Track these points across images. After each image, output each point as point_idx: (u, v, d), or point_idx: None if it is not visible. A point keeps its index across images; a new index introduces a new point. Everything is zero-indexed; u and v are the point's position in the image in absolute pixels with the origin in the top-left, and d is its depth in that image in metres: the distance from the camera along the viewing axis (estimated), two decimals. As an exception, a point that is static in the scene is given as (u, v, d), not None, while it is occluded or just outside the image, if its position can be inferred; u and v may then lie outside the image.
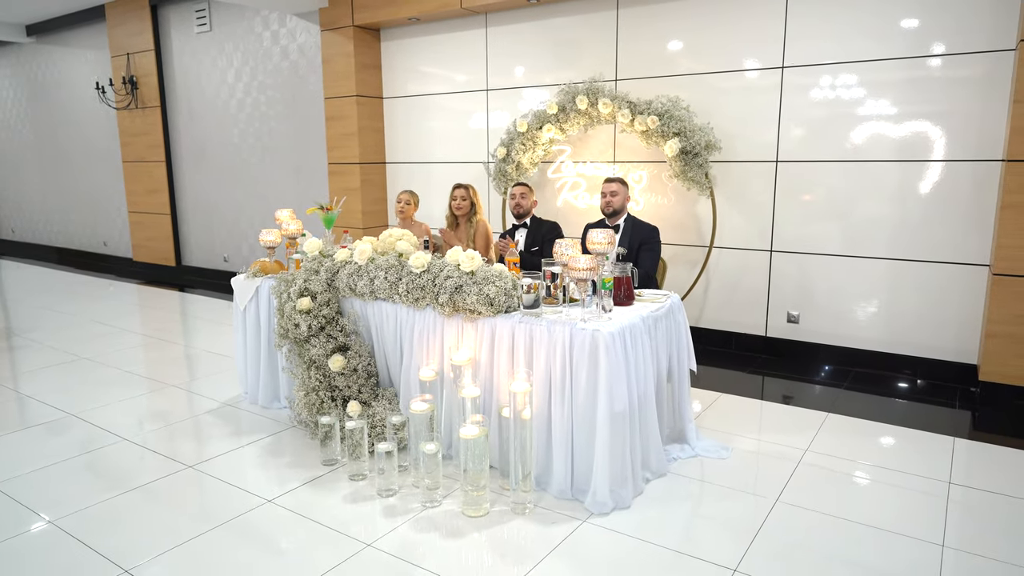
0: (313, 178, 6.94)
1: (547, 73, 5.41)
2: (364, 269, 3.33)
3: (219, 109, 7.56)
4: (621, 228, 3.96)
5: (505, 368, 2.93)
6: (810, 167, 4.49)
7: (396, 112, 6.41)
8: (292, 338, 3.43)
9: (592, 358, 2.70)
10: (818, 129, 4.43)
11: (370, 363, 3.39)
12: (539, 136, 5.08)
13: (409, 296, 3.14)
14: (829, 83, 4.34)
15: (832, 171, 4.42)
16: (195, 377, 4.48)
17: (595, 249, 2.87)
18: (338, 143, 6.43)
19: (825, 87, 4.36)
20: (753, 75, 4.59)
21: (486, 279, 2.96)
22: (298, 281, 3.43)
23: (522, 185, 4.42)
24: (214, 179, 7.83)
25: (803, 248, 4.59)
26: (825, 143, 4.41)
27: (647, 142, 4.70)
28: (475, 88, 5.85)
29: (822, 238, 4.51)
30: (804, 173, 4.51)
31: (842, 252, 4.45)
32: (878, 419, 3.63)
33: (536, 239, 4.30)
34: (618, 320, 2.84)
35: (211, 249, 8.07)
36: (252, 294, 3.84)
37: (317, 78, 6.64)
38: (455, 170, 6.08)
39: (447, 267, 3.10)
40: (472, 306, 2.94)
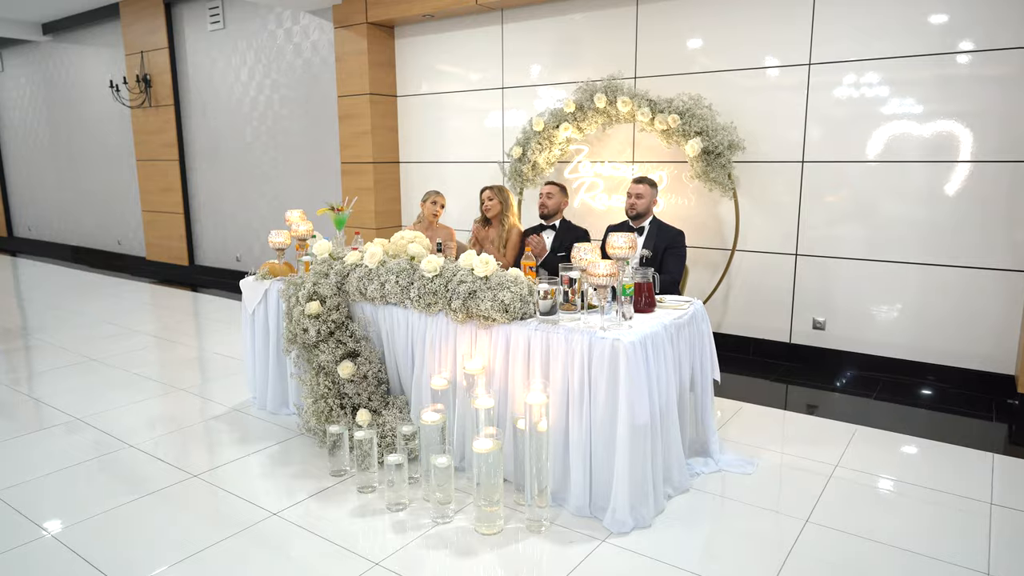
0: (326, 177, 6.85)
1: (564, 71, 5.27)
2: (375, 273, 3.22)
3: (232, 107, 7.50)
4: (646, 231, 3.82)
5: (520, 377, 2.81)
6: (837, 168, 4.32)
7: (410, 111, 6.30)
8: (301, 343, 3.32)
9: (612, 369, 2.57)
10: (846, 128, 4.25)
11: (380, 370, 3.28)
12: (556, 135, 4.94)
13: (421, 301, 3.03)
14: (857, 81, 4.17)
15: (860, 172, 4.25)
16: (204, 380, 4.39)
17: (616, 254, 2.74)
18: (351, 142, 6.34)
19: (853, 85, 4.19)
20: (778, 72, 4.42)
21: (501, 284, 2.84)
22: (307, 284, 3.32)
23: (551, 184, 4.26)
24: (227, 178, 7.77)
25: (829, 251, 4.42)
26: (853, 143, 4.24)
27: (667, 141, 4.55)
28: (490, 86, 5.72)
29: (849, 241, 4.34)
30: (831, 174, 4.35)
31: (870, 256, 4.28)
32: (910, 432, 3.46)
33: (563, 245, 4.11)
34: (639, 328, 2.70)
35: (224, 249, 8.01)
36: (261, 297, 3.74)
37: (330, 76, 6.55)
38: (470, 170, 5.96)
39: (460, 271, 2.97)
40: (486, 312, 2.82)
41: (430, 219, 4.61)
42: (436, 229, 4.56)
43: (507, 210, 4.41)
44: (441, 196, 4.61)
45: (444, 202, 4.61)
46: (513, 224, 4.42)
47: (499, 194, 4.39)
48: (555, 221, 4.25)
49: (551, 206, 4.20)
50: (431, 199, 4.58)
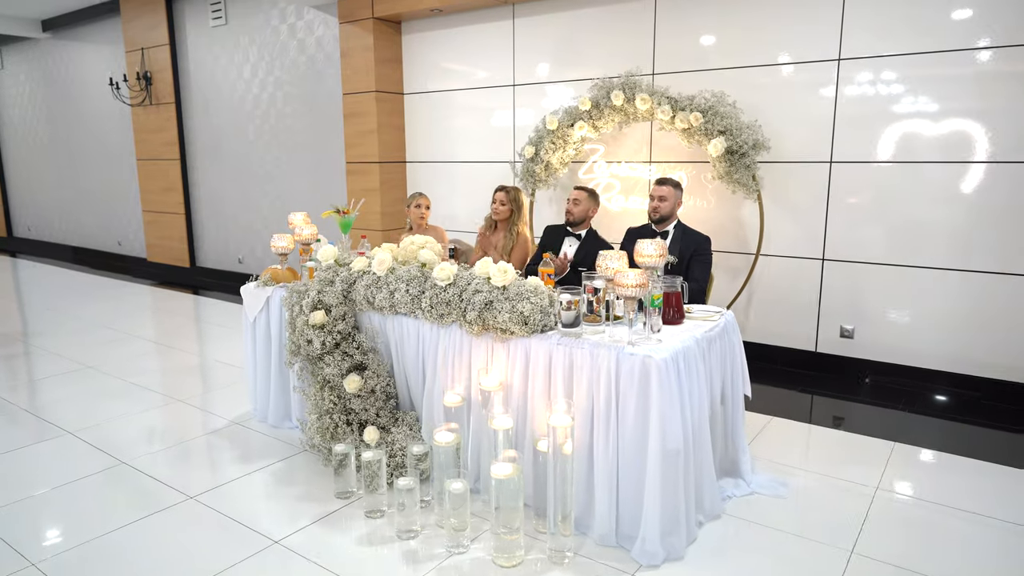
0: (330, 177, 6.66)
1: (578, 67, 5.07)
2: (383, 280, 3.02)
3: (234, 105, 7.31)
4: (670, 236, 3.61)
5: (540, 395, 2.61)
6: (868, 169, 4.11)
7: (417, 109, 6.10)
8: (304, 355, 3.13)
9: (642, 387, 2.37)
10: (877, 127, 4.04)
11: (389, 384, 3.08)
12: (570, 134, 4.74)
13: (433, 312, 2.83)
14: (890, 77, 3.96)
15: (892, 173, 4.03)
16: (204, 390, 4.20)
17: (644, 263, 2.54)
18: (356, 141, 6.14)
19: (886, 81, 3.98)
20: (805, 68, 4.21)
21: (520, 295, 2.64)
22: (311, 292, 3.13)
23: (580, 189, 3.98)
24: (229, 178, 7.59)
25: (858, 256, 4.21)
26: (885, 143, 4.03)
27: (688, 141, 4.34)
28: (501, 84, 5.52)
29: (880, 245, 4.13)
30: (861, 175, 4.13)
31: (902, 261, 4.07)
32: (954, 451, 3.25)
33: (588, 257, 3.81)
34: (670, 343, 2.50)
35: (225, 250, 7.83)
36: (263, 305, 3.55)
37: (335, 73, 6.35)
38: (479, 170, 5.76)
39: (475, 280, 2.78)
40: (504, 325, 2.62)
41: (418, 222, 4.44)
42: (427, 231, 4.38)
43: (518, 217, 4.19)
44: (425, 198, 4.49)
45: (428, 203, 4.50)
46: (522, 230, 4.22)
47: (513, 200, 4.18)
48: (581, 230, 3.99)
49: (577, 213, 3.93)
50: (414, 203, 4.46)
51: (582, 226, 3.96)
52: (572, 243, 3.95)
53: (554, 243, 3.98)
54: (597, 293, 2.64)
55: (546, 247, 3.99)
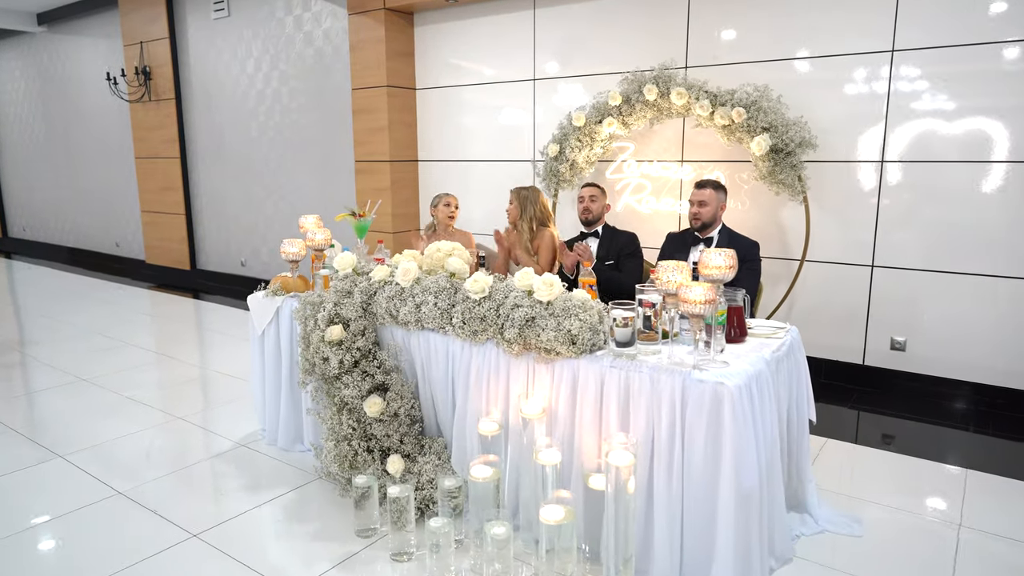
0: (338, 177, 6.35)
1: (605, 61, 4.76)
2: (408, 292, 2.71)
3: (237, 101, 7.00)
4: (714, 243, 3.31)
5: (590, 423, 2.31)
6: (925, 169, 3.81)
7: (430, 105, 5.79)
8: (319, 374, 2.82)
9: (713, 420, 2.07)
10: (936, 123, 3.74)
11: (413, 406, 2.77)
12: (598, 131, 4.44)
13: (466, 328, 2.52)
14: (950, 70, 3.66)
15: (952, 173, 3.73)
16: (207, 406, 3.89)
17: (712, 275, 2.24)
18: (366, 138, 5.84)
19: (945, 75, 3.67)
20: (855, 60, 3.91)
21: (566, 311, 2.33)
22: (327, 305, 2.82)
23: (592, 186, 3.77)
24: (232, 177, 7.28)
25: (912, 263, 3.91)
26: (944, 140, 3.73)
27: (728, 138, 4.04)
28: (520, 78, 5.22)
29: (937, 252, 3.83)
30: (917, 175, 3.83)
31: (961, 268, 3.77)
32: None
33: (610, 252, 3.64)
34: (738, 366, 2.20)
35: (227, 252, 7.52)
36: (272, 316, 3.24)
37: (344, 67, 6.05)
38: (496, 169, 5.46)
39: (513, 293, 2.47)
40: (548, 344, 2.32)
41: (446, 222, 4.14)
42: (453, 235, 4.07)
43: (526, 214, 3.87)
44: (453, 197, 4.18)
45: (457, 203, 4.16)
46: (549, 230, 3.91)
47: (517, 197, 3.88)
48: (598, 227, 3.75)
49: (596, 210, 3.72)
50: (443, 202, 4.15)
51: (599, 223, 3.75)
52: (592, 241, 3.71)
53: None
54: (654, 308, 2.34)
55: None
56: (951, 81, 3.66)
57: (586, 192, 3.72)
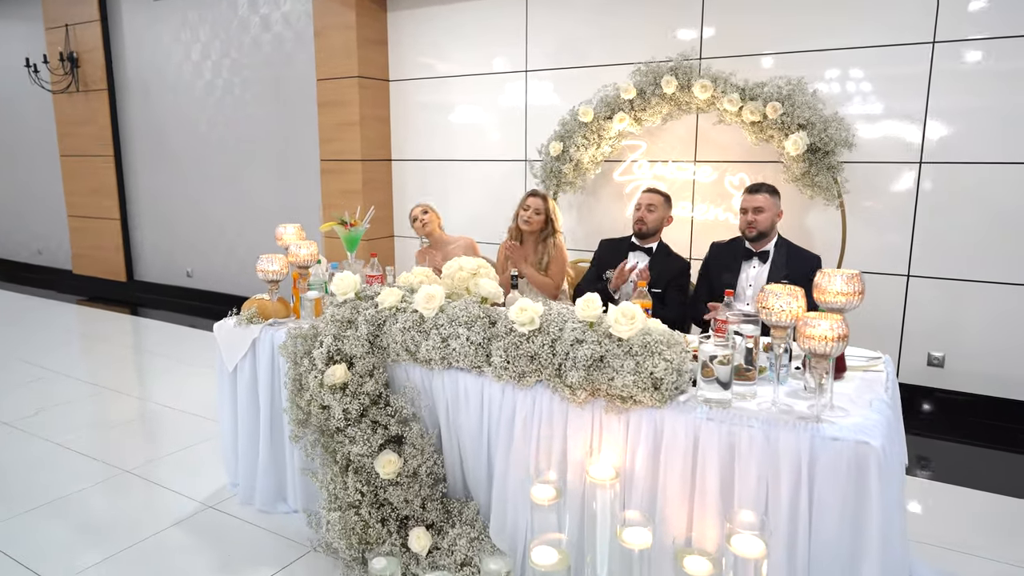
0: (302, 177, 5.71)
1: (607, 51, 4.32)
2: (432, 323, 2.18)
3: (182, 93, 6.25)
4: (771, 257, 2.89)
5: (678, 491, 1.84)
6: (967, 170, 3.51)
7: (405, 98, 5.23)
8: (317, 427, 2.27)
9: (856, 488, 1.63)
10: (980, 122, 3.44)
11: (436, 463, 2.25)
12: (607, 128, 3.98)
13: (511, 369, 2.02)
14: (997, 64, 3.36)
15: (997, 175, 3.44)
16: (157, 454, 3.24)
17: (833, 303, 1.80)
18: (334, 135, 5.23)
19: (992, 69, 3.37)
20: (890, 52, 3.58)
21: (647, 348, 1.86)
22: (325, 339, 2.26)
23: (653, 192, 3.24)
24: (176, 178, 6.51)
25: (952, 272, 3.61)
26: (988, 140, 3.44)
27: (756, 137, 3.65)
28: (511, 69, 4.72)
29: (980, 260, 3.53)
30: (958, 178, 3.53)
31: (1008, 279, 3.48)
32: None
33: (660, 278, 3.08)
34: (862, 414, 1.79)
35: (171, 261, 6.74)
36: (247, 348, 2.65)
37: (307, 55, 5.41)
38: (483, 170, 4.95)
39: (571, 324, 1.98)
40: (625, 391, 1.84)
41: (430, 233, 3.65)
42: (448, 245, 3.56)
43: (554, 229, 3.42)
44: (419, 207, 3.76)
45: (426, 208, 3.73)
46: (559, 242, 3.43)
47: (550, 210, 3.39)
48: (651, 243, 3.23)
49: (651, 222, 3.17)
50: (410, 215, 3.74)
51: (653, 239, 3.22)
52: (640, 259, 3.19)
53: (613, 260, 3.21)
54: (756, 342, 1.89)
55: (603, 265, 3.21)
56: (1001, 74, 3.36)
57: (644, 199, 3.19)
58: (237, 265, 6.22)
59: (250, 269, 6.13)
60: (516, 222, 3.47)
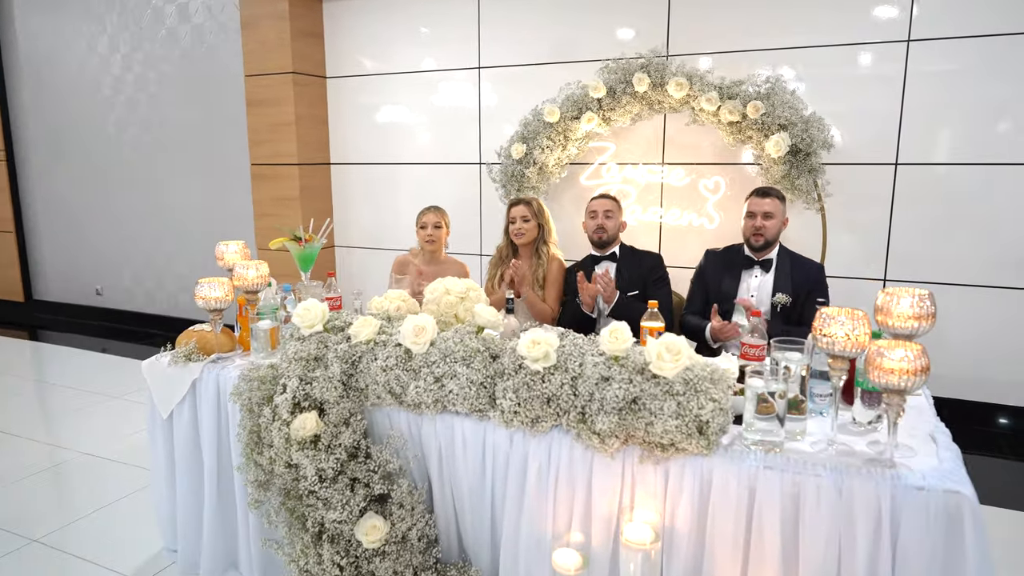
0: (230, 183, 5.18)
1: (570, 46, 4.05)
2: (423, 360, 1.84)
3: (86, 90, 5.59)
4: (775, 266, 2.68)
5: (728, 553, 1.57)
6: (942, 172, 3.44)
7: (345, 96, 4.81)
8: (282, 489, 1.88)
9: (947, 548, 1.41)
10: (956, 123, 3.38)
11: (428, 522, 1.90)
12: (574, 128, 3.72)
13: (523, 413, 1.70)
14: (973, 62, 3.30)
15: (973, 177, 3.39)
16: (74, 515, 2.74)
17: (899, 329, 1.58)
18: (266, 136, 4.75)
19: (967, 67, 3.31)
20: (863, 50, 3.48)
21: (690, 385, 1.58)
22: (289, 382, 1.88)
23: (606, 198, 3.01)
24: (81, 184, 5.82)
25: (929, 276, 3.54)
26: (964, 141, 3.38)
27: (734, 138, 3.47)
28: (462, 65, 4.39)
29: (958, 263, 3.48)
30: (933, 179, 3.46)
31: (985, 282, 3.44)
32: None
33: (634, 279, 2.89)
34: (928, 449, 1.61)
35: (76, 278, 6.03)
36: (186, 391, 2.22)
37: (234, 49, 4.90)
38: (432, 174, 4.60)
39: (591, 358, 1.69)
40: (667, 438, 1.56)
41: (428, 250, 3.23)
42: (439, 265, 3.19)
43: (548, 236, 3.13)
44: (432, 213, 3.23)
45: (439, 221, 3.22)
46: (553, 252, 3.14)
47: (537, 214, 3.10)
48: (613, 248, 3.01)
49: (612, 228, 2.96)
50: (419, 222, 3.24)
51: (612, 244, 3.00)
52: (607, 266, 2.95)
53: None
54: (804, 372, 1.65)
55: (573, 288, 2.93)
56: (978, 74, 3.30)
57: (599, 206, 2.96)
58: (154, 281, 5.62)
59: (170, 285, 5.55)
60: (506, 239, 3.16)
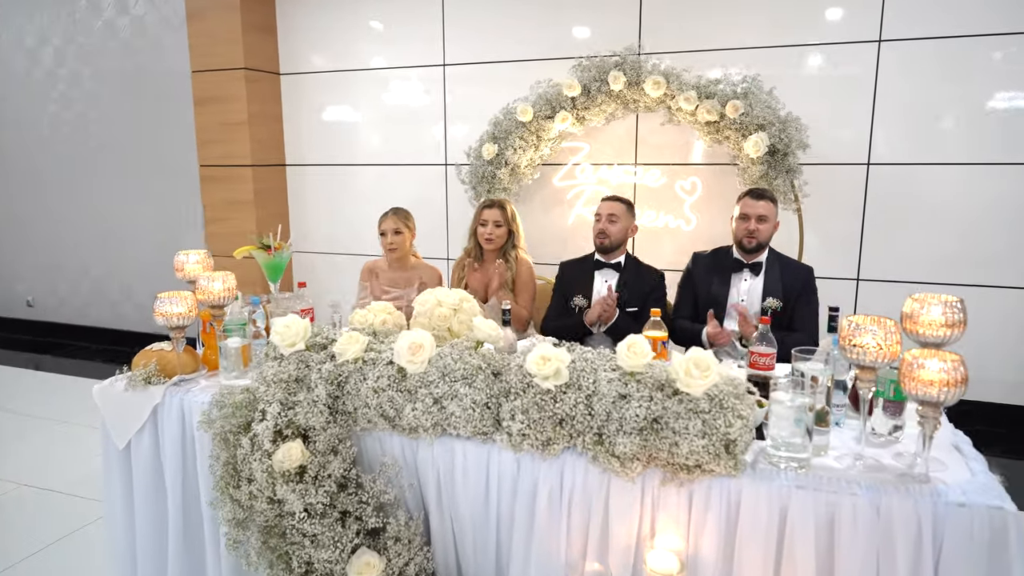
0: (177, 186, 4.88)
1: (538, 44, 3.94)
2: (422, 379, 1.68)
3: (15, 87, 5.18)
4: (764, 269, 2.62)
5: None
6: (913, 172, 3.47)
7: (300, 94, 4.58)
8: (263, 527, 1.69)
9: (990, 568, 1.34)
10: (926, 123, 3.41)
11: (426, 557, 1.74)
12: (547, 128, 3.61)
13: (533, 435, 1.57)
14: (943, 63, 3.33)
15: (944, 177, 3.43)
16: (15, 557, 2.47)
17: (929, 337, 1.51)
18: (216, 136, 4.47)
19: (937, 68, 3.35)
20: (837, 50, 3.48)
21: (715, 401, 1.48)
22: (269, 407, 1.69)
23: (615, 200, 2.83)
24: (9, 188, 5.39)
25: (902, 275, 3.57)
26: (935, 141, 3.41)
27: (711, 138, 3.42)
28: (426, 62, 4.22)
29: (927, 263, 3.51)
30: (905, 179, 3.49)
31: (956, 280, 3.48)
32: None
33: (635, 295, 2.73)
34: (958, 461, 1.55)
35: (6, 288, 5.59)
36: (146, 418, 2.00)
37: (179, 43, 4.61)
38: (396, 175, 4.42)
39: (603, 373, 1.57)
40: (694, 459, 1.45)
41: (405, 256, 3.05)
42: (409, 271, 3.02)
43: (517, 238, 3.01)
44: (391, 218, 3.02)
45: (399, 227, 3.00)
46: (523, 256, 3.02)
47: (510, 219, 2.97)
48: (618, 257, 2.85)
49: (615, 234, 2.78)
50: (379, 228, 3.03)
51: (618, 252, 2.84)
52: (608, 276, 2.82)
53: (580, 284, 2.82)
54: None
55: (570, 291, 2.81)
56: (944, 74, 3.34)
57: (604, 209, 2.79)
58: (92, 290, 5.25)
59: (112, 295, 5.20)
60: (473, 240, 3.01)
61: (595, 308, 2.61)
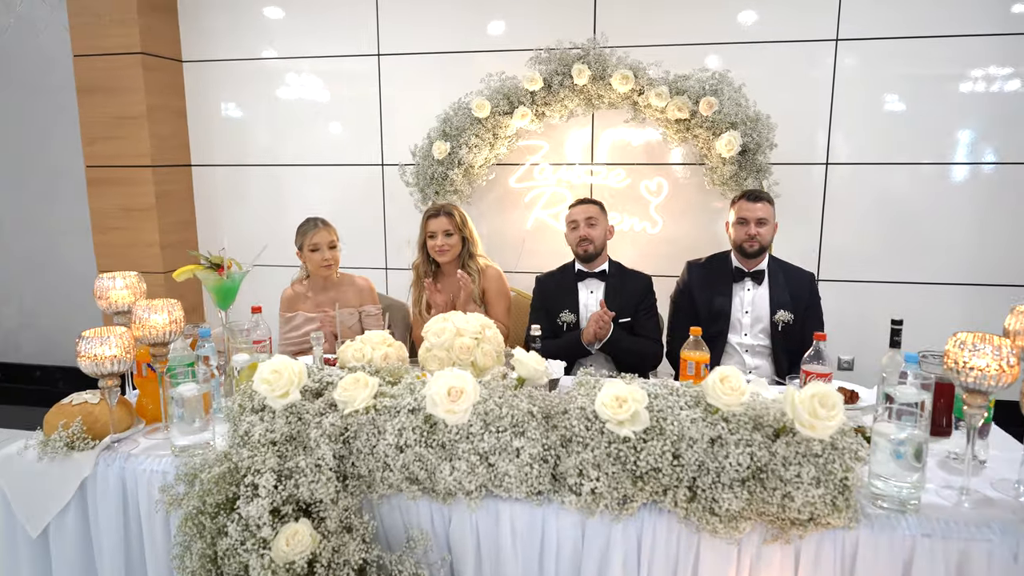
0: (59, 191, 4.16)
1: (484, 33, 3.63)
2: (464, 432, 1.34)
3: None
4: (766, 277, 2.45)
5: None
6: (872, 172, 3.47)
7: (206, 85, 4.00)
8: (261, 636, 1.30)
9: None
10: (885, 123, 3.41)
11: (464, 645, 1.42)
12: (504, 125, 3.31)
13: (609, 494, 1.29)
14: (901, 63, 3.35)
15: (903, 176, 3.45)
16: None
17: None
18: (108, 132, 3.82)
19: (895, 68, 3.36)
20: (795, 49, 3.42)
21: (826, 440, 1.26)
22: (260, 479, 1.30)
23: (589, 203, 2.59)
24: None
25: (860, 274, 3.57)
26: (893, 141, 3.42)
27: (679, 136, 3.26)
28: (357, 51, 3.80)
29: (887, 261, 3.53)
30: (864, 179, 3.48)
31: (915, 279, 3.53)
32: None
33: (625, 304, 2.49)
34: None
35: None
36: (71, 495, 1.53)
37: (57, 23, 3.91)
38: (325, 177, 3.96)
39: (684, 412, 1.32)
40: (808, 511, 1.23)
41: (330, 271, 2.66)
42: (339, 287, 2.65)
43: (473, 245, 2.69)
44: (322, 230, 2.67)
45: (331, 240, 2.66)
46: (488, 264, 2.72)
47: (460, 226, 2.63)
48: (601, 265, 2.59)
49: (598, 238, 2.53)
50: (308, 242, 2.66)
51: (600, 259, 2.60)
52: (593, 287, 2.56)
53: (563, 298, 2.54)
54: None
55: (552, 306, 2.53)
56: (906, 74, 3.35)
57: (580, 213, 2.53)
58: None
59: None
60: (423, 255, 2.66)
61: (590, 327, 2.35)
